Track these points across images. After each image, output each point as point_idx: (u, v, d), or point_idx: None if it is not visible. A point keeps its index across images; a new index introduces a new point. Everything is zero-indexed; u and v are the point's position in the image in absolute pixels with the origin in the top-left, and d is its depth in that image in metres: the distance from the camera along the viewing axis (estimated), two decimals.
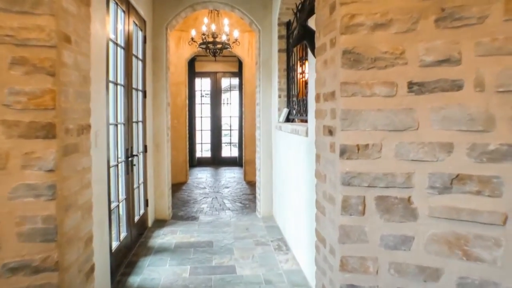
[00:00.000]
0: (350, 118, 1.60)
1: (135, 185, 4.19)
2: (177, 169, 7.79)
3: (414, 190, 1.56)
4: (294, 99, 4.53)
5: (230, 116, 10.74)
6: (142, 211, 4.49)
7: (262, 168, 5.22)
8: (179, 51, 7.82)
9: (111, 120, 3.28)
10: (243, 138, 8.42)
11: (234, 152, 10.59)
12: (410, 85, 1.55)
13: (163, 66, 5.03)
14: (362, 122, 1.60)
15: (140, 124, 4.48)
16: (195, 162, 10.04)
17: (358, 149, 1.60)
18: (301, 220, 3.50)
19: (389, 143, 1.58)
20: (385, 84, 1.58)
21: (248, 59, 8.05)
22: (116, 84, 3.41)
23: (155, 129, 5.02)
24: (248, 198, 6.44)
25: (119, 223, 3.47)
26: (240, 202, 6.17)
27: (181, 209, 5.69)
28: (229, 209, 5.75)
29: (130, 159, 3.84)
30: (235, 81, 10.48)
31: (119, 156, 3.52)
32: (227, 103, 11.78)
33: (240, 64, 9.49)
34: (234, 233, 4.56)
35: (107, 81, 3.00)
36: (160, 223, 4.93)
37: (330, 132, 1.75)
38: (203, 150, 10.86)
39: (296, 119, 4.60)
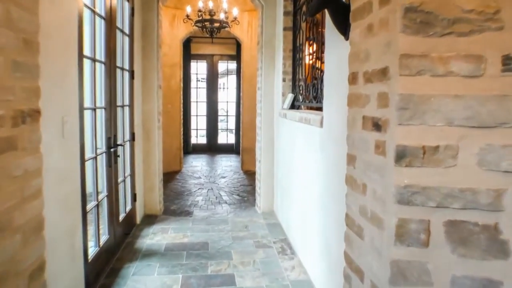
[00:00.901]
0: (413, 107, 1.10)
1: (120, 179, 3.68)
2: (171, 157, 7.27)
3: (505, 214, 1.07)
4: (301, 83, 4.00)
5: (227, 102, 10.19)
6: (129, 207, 3.99)
7: (263, 159, 4.72)
8: (173, 30, 7.21)
9: (87, 104, 2.76)
10: (240, 125, 7.90)
11: (231, 139, 10.07)
12: (507, 60, 1.05)
13: (154, 43, 4.46)
14: (430, 114, 1.10)
15: (127, 109, 3.94)
16: (190, 149, 9.53)
17: (424, 153, 1.10)
18: (310, 222, 3.02)
19: (471, 145, 1.08)
20: (467, 58, 1.07)
21: (247, 41, 7.46)
22: (94, 60, 2.86)
23: (145, 115, 4.48)
24: (247, 190, 5.96)
25: (98, 225, 2.97)
26: (238, 195, 5.69)
27: (173, 202, 5.21)
28: (226, 202, 5.27)
29: (113, 149, 3.32)
30: (233, 64, 9.89)
31: (99, 146, 3.00)
32: (224, 88, 11.21)
33: (238, 46, 8.89)
34: (232, 232, 4.09)
35: (80, 56, 2.46)
36: (150, 219, 4.45)
37: (377, 127, 1.25)
38: (199, 136, 10.33)
39: (302, 106, 4.08)
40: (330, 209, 2.48)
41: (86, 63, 2.73)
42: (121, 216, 3.71)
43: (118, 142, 3.54)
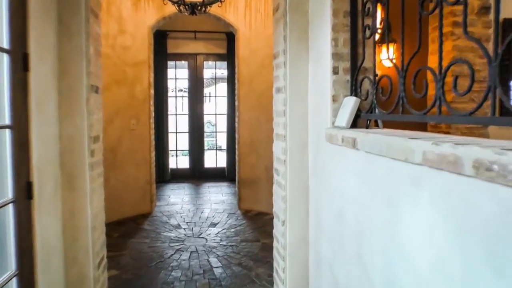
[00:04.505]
0: None
1: None
2: (137, 195, 5.11)
3: None
4: (376, 74, 1.94)
5: (216, 114, 8.08)
6: None
7: (291, 219, 2.60)
8: (138, 14, 5.10)
9: None
10: (236, 146, 5.79)
11: (221, 161, 7.90)
12: None
13: (80, 8, 2.35)
14: None
15: (7, 134, 1.81)
16: (167, 177, 7.34)
17: None
18: None
19: None
20: None
21: (244, 29, 5.40)
22: None
23: (64, 143, 2.35)
24: (252, 253, 3.82)
25: None
26: (239, 264, 3.54)
27: (131, 287, 3.04)
28: (221, 284, 3.12)
29: None
30: (223, 65, 7.81)
31: None
32: (212, 96, 9.12)
33: (230, 42, 6.86)
34: None
35: None
36: None
37: None
38: (181, 156, 8.17)
39: (379, 122, 2.02)
40: None
41: None
42: None
43: None
